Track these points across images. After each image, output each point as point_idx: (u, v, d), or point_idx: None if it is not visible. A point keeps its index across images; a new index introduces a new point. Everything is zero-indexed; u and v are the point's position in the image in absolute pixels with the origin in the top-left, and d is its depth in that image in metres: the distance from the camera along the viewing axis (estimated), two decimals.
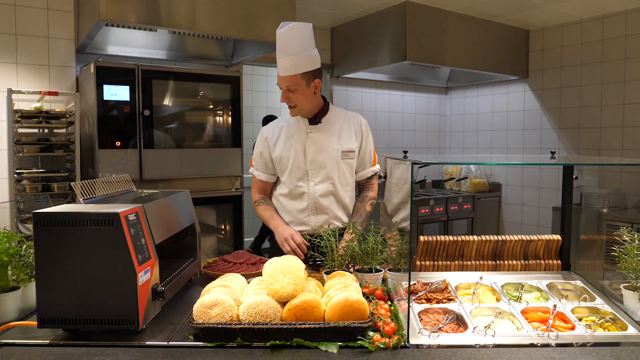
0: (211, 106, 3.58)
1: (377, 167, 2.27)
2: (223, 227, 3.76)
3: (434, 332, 1.36)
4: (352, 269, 1.82)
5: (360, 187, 2.31)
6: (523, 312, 1.50)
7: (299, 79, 2.03)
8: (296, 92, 2.05)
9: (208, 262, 2.06)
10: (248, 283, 1.56)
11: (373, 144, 2.28)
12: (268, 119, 5.24)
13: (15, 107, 2.97)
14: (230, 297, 1.39)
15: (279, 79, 2.07)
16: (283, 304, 1.37)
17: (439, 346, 1.30)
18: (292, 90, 2.05)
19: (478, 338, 1.34)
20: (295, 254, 1.99)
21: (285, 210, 2.21)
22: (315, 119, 2.16)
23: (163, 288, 1.44)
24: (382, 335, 1.30)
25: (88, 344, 1.32)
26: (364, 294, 1.51)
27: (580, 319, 1.47)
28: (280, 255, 1.55)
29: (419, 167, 5.08)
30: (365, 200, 2.23)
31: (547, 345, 1.31)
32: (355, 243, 1.80)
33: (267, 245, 2.51)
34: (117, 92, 3.03)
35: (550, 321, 1.41)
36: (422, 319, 1.46)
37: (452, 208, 4.84)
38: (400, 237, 1.71)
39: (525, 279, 1.81)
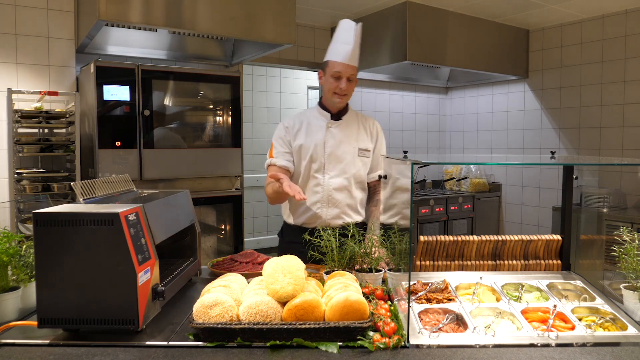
0: (211, 106, 3.58)
1: None
2: (223, 227, 3.76)
3: (434, 332, 1.36)
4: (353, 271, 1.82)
5: (371, 189, 2.34)
6: (523, 312, 1.50)
7: (356, 71, 2.19)
8: (352, 83, 2.19)
9: (217, 260, 2.10)
10: (248, 283, 1.56)
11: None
12: None
13: (15, 107, 2.97)
14: (230, 297, 1.38)
15: (343, 67, 2.14)
16: (283, 304, 1.37)
17: (439, 346, 1.30)
18: (351, 80, 2.18)
19: (478, 338, 1.34)
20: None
21: (300, 202, 2.21)
22: (338, 115, 2.26)
23: (163, 288, 1.44)
24: (382, 335, 1.30)
25: (88, 344, 1.32)
26: (364, 294, 1.51)
27: (580, 319, 1.47)
28: (288, 254, 1.55)
29: (419, 167, 5.08)
30: (379, 205, 2.26)
31: (547, 345, 1.31)
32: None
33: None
34: (117, 92, 3.04)
35: (550, 321, 1.41)
36: (422, 319, 1.46)
37: (452, 208, 4.84)
38: (400, 237, 1.71)
39: (525, 279, 1.81)
